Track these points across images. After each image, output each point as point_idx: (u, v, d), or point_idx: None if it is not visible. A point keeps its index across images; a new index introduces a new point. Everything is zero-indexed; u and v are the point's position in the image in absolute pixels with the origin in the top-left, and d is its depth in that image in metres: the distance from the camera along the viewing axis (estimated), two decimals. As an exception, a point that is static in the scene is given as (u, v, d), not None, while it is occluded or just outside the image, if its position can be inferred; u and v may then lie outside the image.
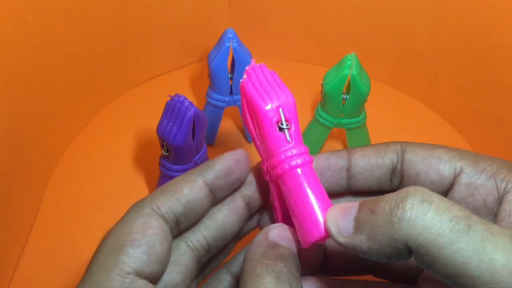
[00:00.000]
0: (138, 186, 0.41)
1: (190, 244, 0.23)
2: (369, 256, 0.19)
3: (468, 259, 0.16)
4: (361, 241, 0.19)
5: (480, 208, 0.22)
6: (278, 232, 0.22)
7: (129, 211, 0.22)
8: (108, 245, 0.21)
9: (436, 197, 0.18)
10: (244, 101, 0.24)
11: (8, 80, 0.33)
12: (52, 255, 0.36)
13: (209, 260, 0.26)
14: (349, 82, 0.37)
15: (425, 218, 0.17)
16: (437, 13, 0.43)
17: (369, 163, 0.24)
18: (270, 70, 0.24)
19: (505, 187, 0.21)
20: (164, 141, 0.34)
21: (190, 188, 0.23)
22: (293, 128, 0.23)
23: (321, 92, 0.39)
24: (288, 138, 0.23)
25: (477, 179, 0.22)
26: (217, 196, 0.24)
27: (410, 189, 0.18)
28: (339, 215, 0.20)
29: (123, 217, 0.22)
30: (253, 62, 0.25)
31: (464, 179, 0.22)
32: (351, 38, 0.49)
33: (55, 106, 0.40)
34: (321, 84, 0.39)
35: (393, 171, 0.24)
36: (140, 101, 0.48)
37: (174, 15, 0.48)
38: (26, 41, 0.35)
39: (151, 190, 0.40)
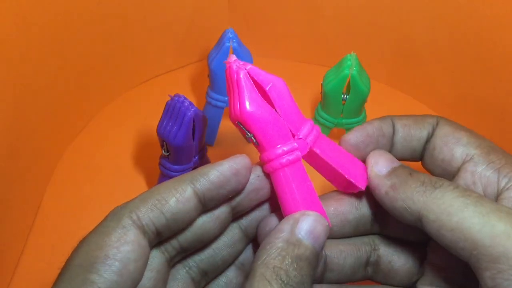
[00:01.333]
0: (138, 186, 0.41)
1: (162, 247, 0.22)
2: (381, 201, 0.22)
3: (473, 225, 0.19)
4: (385, 184, 0.22)
5: None
6: (308, 227, 0.21)
7: (106, 219, 0.21)
8: (79, 259, 0.19)
9: (460, 186, 0.21)
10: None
11: (8, 80, 0.33)
12: (52, 255, 0.36)
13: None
14: (349, 82, 0.37)
15: (444, 195, 0.20)
16: (437, 13, 0.43)
17: (409, 133, 0.25)
18: (242, 65, 0.22)
19: (506, 183, 0.21)
20: (164, 141, 0.34)
21: (177, 199, 0.20)
22: (258, 133, 0.22)
23: (321, 92, 0.39)
24: (256, 142, 0.22)
25: (482, 169, 0.22)
26: (206, 207, 0.22)
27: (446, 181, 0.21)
28: (385, 159, 0.23)
29: (99, 225, 0.21)
30: (230, 59, 0.23)
31: (471, 166, 0.23)
32: (351, 38, 0.49)
33: (55, 106, 0.40)
34: (321, 84, 0.39)
35: (426, 144, 0.25)
36: (140, 101, 0.48)
37: (174, 15, 0.48)
38: (26, 41, 0.35)
39: (151, 190, 0.40)
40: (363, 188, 0.23)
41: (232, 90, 0.22)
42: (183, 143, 0.33)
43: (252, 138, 0.22)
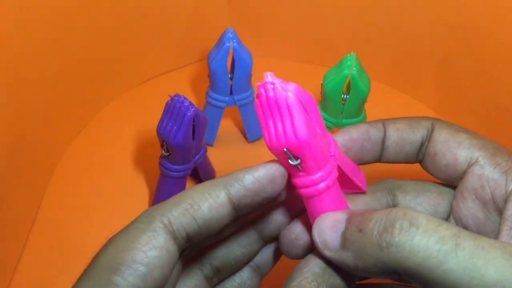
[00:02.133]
0: (138, 186, 0.41)
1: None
2: (355, 272, 0.19)
3: (459, 278, 0.16)
4: (347, 258, 0.19)
5: (488, 201, 0.22)
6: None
7: (137, 220, 0.20)
8: (105, 259, 0.19)
9: (423, 219, 0.18)
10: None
11: (8, 80, 0.33)
12: (52, 255, 0.36)
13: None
14: (349, 82, 0.37)
15: (412, 243, 0.17)
16: (437, 13, 0.43)
17: (402, 137, 0.24)
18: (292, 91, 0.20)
19: None
20: (164, 141, 0.34)
21: (210, 205, 0.20)
22: (310, 159, 0.20)
23: (321, 92, 0.39)
24: (300, 168, 0.20)
25: (489, 172, 0.22)
26: (239, 214, 0.21)
27: (399, 212, 0.18)
28: (326, 229, 0.20)
29: (129, 225, 0.20)
30: (267, 78, 0.21)
31: (477, 169, 0.22)
32: (351, 38, 0.49)
33: (55, 106, 0.40)
34: (321, 84, 0.39)
35: (421, 147, 0.24)
36: (140, 101, 0.48)
37: (174, 15, 0.48)
38: (26, 41, 0.35)
39: (151, 190, 0.40)
40: (365, 190, 0.24)
41: (279, 114, 0.20)
42: (183, 143, 0.33)
43: (298, 165, 0.20)
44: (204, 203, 0.20)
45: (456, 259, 0.16)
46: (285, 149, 0.20)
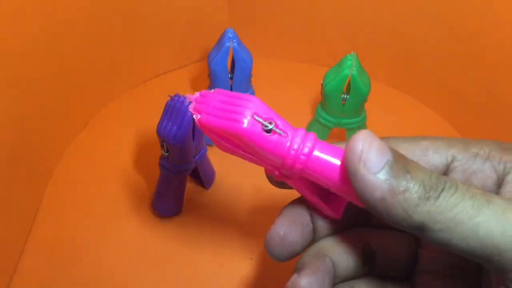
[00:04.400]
0: (138, 186, 0.41)
1: None
2: (372, 207, 0.19)
3: (491, 230, 0.17)
4: (382, 188, 0.18)
5: None
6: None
7: None
8: None
9: (460, 183, 0.18)
10: (213, 135, 0.21)
11: (8, 80, 0.33)
12: (52, 255, 0.36)
13: None
14: (349, 82, 0.37)
15: (450, 199, 0.18)
16: (437, 13, 0.43)
17: None
18: (210, 91, 0.21)
19: (504, 169, 0.21)
20: (164, 141, 0.34)
21: None
22: (278, 121, 0.20)
23: (321, 92, 0.39)
24: (281, 133, 0.20)
25: (472, 164, 0.21)
26: None
27: (448, 180, 0.18)
28: (372, 149, 0.19)
29: None
30: (190, 96, 0.22)
31: (458, 166, 0.21)
32: (351, 38, 0.49)
33: (55, 106, 0.40)
34: (321, 84, 0.39)
35: None
36: (140, 101, 0.48)
37: (174, 15, 0.48)
38: (26, 41, 0.35)
39: (151, 190, 0.40)
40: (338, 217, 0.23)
41: (228, 101, 0.21)
42: (183, 143, 0.33)
43: (275, 128, 0.20)
44: None
45: (488, 212, 0.17)
46: (254, 116, 0.20)
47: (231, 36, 0.38)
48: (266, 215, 0.39)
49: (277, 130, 0.20)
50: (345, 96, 0.38)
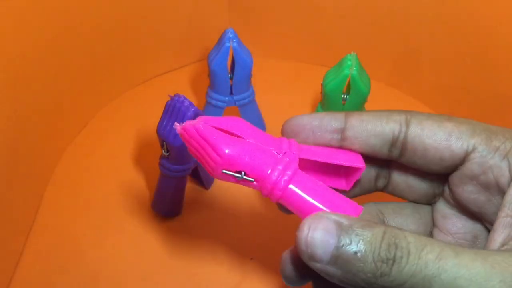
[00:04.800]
0: (138, 186, 0.41)
1: None
2: (337, 282, 0.19)
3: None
4: (335, 272, 0.19)
5: (492, 186, 0.22)
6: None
7: None
8: None
9: (412, 246, 0.18)
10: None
11: (8, 80, 0.33)
12: (52, 255, 0.36)
13: None
14: (349, 82, 0.37)
15: (403, 273, 0.18)
16: (437, 13, 0.43)
17: (366, 128, 0.23)
18: (191, 124, 0.22)
19: None
20: (164, 141, 0.34)
21: None
22: (249, 167, 0.21)
23: (321, 92, 0.39)
24: (251, 180, 0.21)
25: (490, 159, 0.21)
26: None
27: (391, 239, 0.18)
28: (315, 240, 0.19)
29: None
30: (179, 127, 0.22)
31: (477, 157, 0.21)
32: (351, 38, 0.49)
33: (55, 106, 0.40)
34: (321, 84, 0.39)
35: (393, 142, 0.23)
36: (140, 101, 0.48)
37: (174, 15, 0.48)
38: (26, 41, 0.35)
39: (151, 190, 0.40)
40: (363, 166, 0.23)
41: (200, 147, 0.21)
42: (183, 143, 0.33)
43: (245, 176, 0.21)
44: None
45: (440, 283, 0.17)
46: (222, 171, 0.21)
47: (231, 36, 0.38)
48: (266, 215, 0.39)
49: (247, 178, 0.21)
50: (345, 96, 0.38)
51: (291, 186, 0.21)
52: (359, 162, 0.23)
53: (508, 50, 0.39)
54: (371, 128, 0.23)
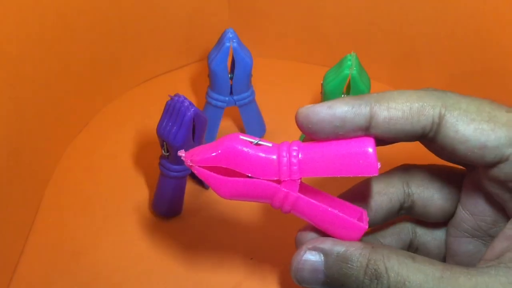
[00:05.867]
0: (138, 186, 0.41)
1: None
2: None
3: None
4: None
5: None
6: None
7: None
8: None
9: (392, 278, 0.20)
10: (212, 177, 0.23)
11: (8, 80, 0.33)
12: (52, 255, 0.36)
13: None
14: (349, 82, 0.37)
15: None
16: (437, 13, 0.43)
17: (394, 128, 0.21)
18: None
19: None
20: (164, 141, 0.34)
21: None
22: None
23: (321, 92, 0.39)
24: (268, 144, 0.23)
25: None
26: None
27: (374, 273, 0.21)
28: (305, 273, 0.23)
29: None
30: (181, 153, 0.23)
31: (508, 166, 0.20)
32: (351, 38, 0.49)
33: (55, 106, 0.40)
34: (321, 84, 0.39)
35: (423, 136, 0.22)
36: (140, 101, 0.48)
37: (174, 15, 0.48)
38: (26, 41, 0.35)
39: (151, 190, 0.40)
40: (365, 227, 0.23)
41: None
42: (183, 143, 0.33)
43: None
44: None
45: None
46: (241, 137, 0.23)
47: (231, 36, 0.38)
48: (266, 215, 0.39)
49: (263, 143, 0.22)
50: (345, 96, 0.38)
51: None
52: (363, 221, 0.23)
53: (508, 50, 0.39)
54: (400, 128, 0.21)
